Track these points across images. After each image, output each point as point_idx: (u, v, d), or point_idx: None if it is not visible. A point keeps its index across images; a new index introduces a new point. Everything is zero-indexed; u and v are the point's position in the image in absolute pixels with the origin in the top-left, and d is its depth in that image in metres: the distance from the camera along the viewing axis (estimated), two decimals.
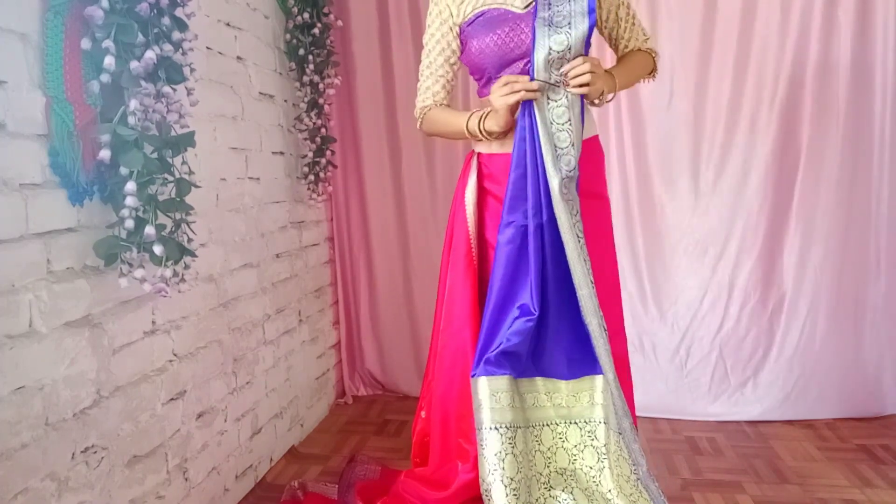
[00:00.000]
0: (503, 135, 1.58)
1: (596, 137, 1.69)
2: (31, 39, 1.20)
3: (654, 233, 2.65)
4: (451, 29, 1.63)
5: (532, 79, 1.46)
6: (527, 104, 1.49)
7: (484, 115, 1.56)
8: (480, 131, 1.56)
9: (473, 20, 1.59)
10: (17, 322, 1.18)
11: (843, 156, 2.46)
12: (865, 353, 2.52)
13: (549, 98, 1.48)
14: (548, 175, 1.47)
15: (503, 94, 1.46)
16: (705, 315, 2.62)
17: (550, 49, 1.44)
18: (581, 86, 1.44)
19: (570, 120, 1.48)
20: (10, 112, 1.16)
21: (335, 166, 2.63)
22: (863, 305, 2.51)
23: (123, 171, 1.30)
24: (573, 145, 1.49)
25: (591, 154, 1.62)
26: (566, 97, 1.47)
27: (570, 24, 1.44)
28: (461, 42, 1.65)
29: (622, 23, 1.69)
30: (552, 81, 1.46)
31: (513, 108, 1.50)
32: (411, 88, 2.69)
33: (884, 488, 1.98)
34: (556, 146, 1.48)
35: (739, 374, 2.57)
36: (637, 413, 2.53)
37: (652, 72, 1.74)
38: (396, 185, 2.83)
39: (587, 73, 1.42)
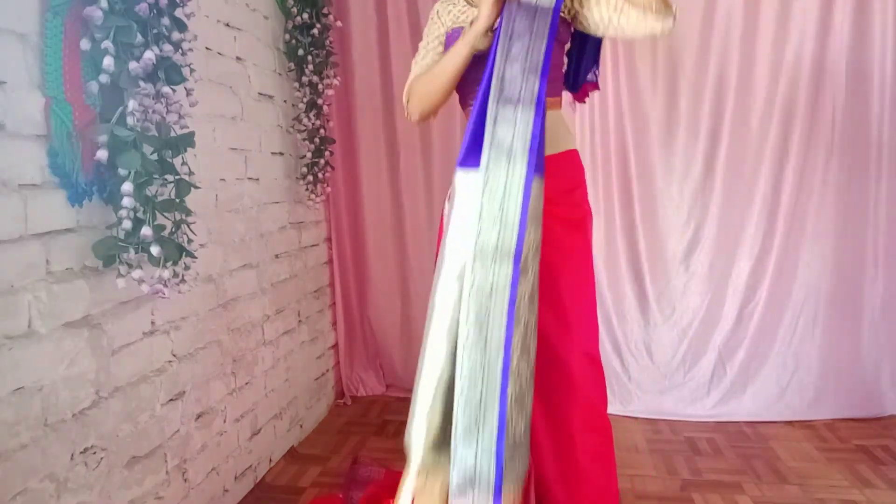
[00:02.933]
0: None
1: (573, 152, 1.55)
2: (31, 40, 1.20)
3: (655, 236, 2.65)
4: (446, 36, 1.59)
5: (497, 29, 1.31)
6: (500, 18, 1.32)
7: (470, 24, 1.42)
8: (474, 38, 1.39)
9: (447, 38, 1.56)
10: (16, 323, 1.18)
11: (840, 156, 2.46)
12: (864, 354, 2.52)
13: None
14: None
15: None
16: (704, 316, 2.62)
17: None
18: None
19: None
20: (9, 112, 1.16)
21: (333, 167, 2.62)
22: (861, 306, 2.52)
23: (122, 171, 1.30)
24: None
25: (564, 169, 1.46)
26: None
27: None
28: None
29: None
30: None
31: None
32: None
33: (883, 489, 1.98)
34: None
35: (739, 375, 2.57)
36: (637, 414, 2.56)
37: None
38: (393, 186, 2.83)
39: None
